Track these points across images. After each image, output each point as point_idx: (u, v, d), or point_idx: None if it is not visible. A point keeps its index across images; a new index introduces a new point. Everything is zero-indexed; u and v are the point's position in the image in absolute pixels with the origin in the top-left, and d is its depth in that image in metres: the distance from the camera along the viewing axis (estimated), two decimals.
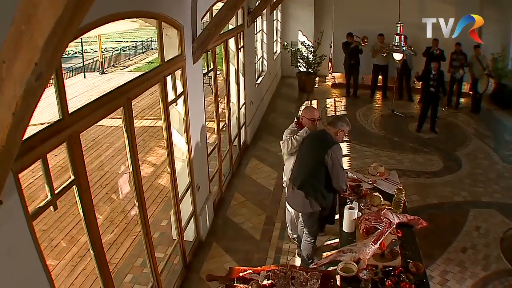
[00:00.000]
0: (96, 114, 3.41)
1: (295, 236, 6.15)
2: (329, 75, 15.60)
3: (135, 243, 6.27)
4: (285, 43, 15.35)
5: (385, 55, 12.66)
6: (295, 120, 5.71)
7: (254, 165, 8.76)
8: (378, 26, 12.69)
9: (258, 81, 11.57)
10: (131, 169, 4.07)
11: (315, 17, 15.57)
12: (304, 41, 15.17)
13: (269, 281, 3.97)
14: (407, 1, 12.96)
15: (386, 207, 5.04)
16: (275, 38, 15.37)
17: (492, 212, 6.99)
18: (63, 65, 3.33)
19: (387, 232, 4.54)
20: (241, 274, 4.11)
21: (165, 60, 4.83)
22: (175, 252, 5.57)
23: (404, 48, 6.90)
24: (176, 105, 5.28)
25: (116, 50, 25.03)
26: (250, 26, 9.44)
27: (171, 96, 5.07)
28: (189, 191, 5.78)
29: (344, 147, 9.48)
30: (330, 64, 15.45)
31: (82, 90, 15.54)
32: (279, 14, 15.67)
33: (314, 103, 13.00)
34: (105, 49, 24.01)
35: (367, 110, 12.35)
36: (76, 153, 3.14)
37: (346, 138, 6.01)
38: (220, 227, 6.68)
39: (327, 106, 12.83)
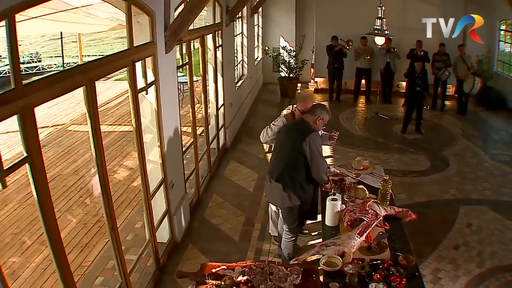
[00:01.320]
0: (54, 88, 3.21)
1: (275, 234, 5.94)
2: (312, 81, 15.53)
3: (108, 246, 6.01)
4: (266, 48, 15.31)
5: (368, 57, 12.69)
6: (289, 112, 5.58)
7: (234, 167, 8.58)
8: (360, 29, 12.66)
9: (238, 84, 11.45)
10: (94, 155, 3.85)
11: (296, 22, 15.59)
12: (285, 46, 15.11)
13: (245, 277, 3.73)
14: (390, 3, 13.11)
15: (372, 200, 4.85)
16: (256, 43, 15.34)
17: (484, 209, 6.89)
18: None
19: (374, 224, 4.31)
20: (214, 270, 3.87)
21: (134, 45, 4.66)
22: (148, 254, 5.34)
23: (386, 32, 6.77)
24: (147, 94, 5.08)
25: None
26: (228, 26, 9.34)
27: (142, 84, 4.90)
28: (162, 188, 5.57)
29: (326, 148, 9.37)
30: (312, 70, 15.40)
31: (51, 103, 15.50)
32: (260, 19, 15.65)
33: None
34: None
35: (351, 113, 12.30)
36: (29, 128, 2.92)
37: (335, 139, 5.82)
38: (197, 228, 6.46)
39: None
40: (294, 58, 14.51)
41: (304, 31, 15.30)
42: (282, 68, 14.57)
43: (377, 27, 6.79)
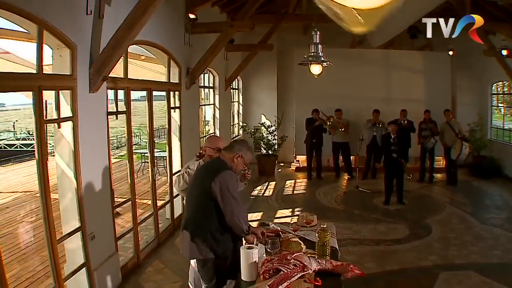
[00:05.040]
0: None
1: None
2: (294, 160, 15.53)
3: None
4: (244, 124, 15.63)
5: (342, 129, 12.84)
6: (196, 154, 5.37)
7: None
8: (340, 102, 13.06)
9: None
10: None
11: (278, 99, 16.12)
12: (264, 123, 15.36)
13: None
14: (374, 74, 13.58)
15: (309, 254, 4.23)
16: (236, 121, 15.77)
17: (469, 274, 6.59)
18: None
19: (296, 277, 3.74)
20: None
21: (46, 72, 4.82)
22: None
23: (322, 58, 6.59)
24: (60, 127, 5.17)
25: None
26: (189, 89, 9.57)
27: (54, 116, 5.04)
28: (79, 237, 5.49)
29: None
30: (295, 148, 15.50)
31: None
32: (241, 97, 16.20)
33: (273, 184, 12.86)
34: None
35: (329, 189, 12.22)
36: None
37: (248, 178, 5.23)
38: None
39: (286, 186, 12.73)
40: (272, 134, 14.74)
41: (285, 108, 15.74)
42: (260, 146, 14.73)
43: (312, 53, 6.62)
